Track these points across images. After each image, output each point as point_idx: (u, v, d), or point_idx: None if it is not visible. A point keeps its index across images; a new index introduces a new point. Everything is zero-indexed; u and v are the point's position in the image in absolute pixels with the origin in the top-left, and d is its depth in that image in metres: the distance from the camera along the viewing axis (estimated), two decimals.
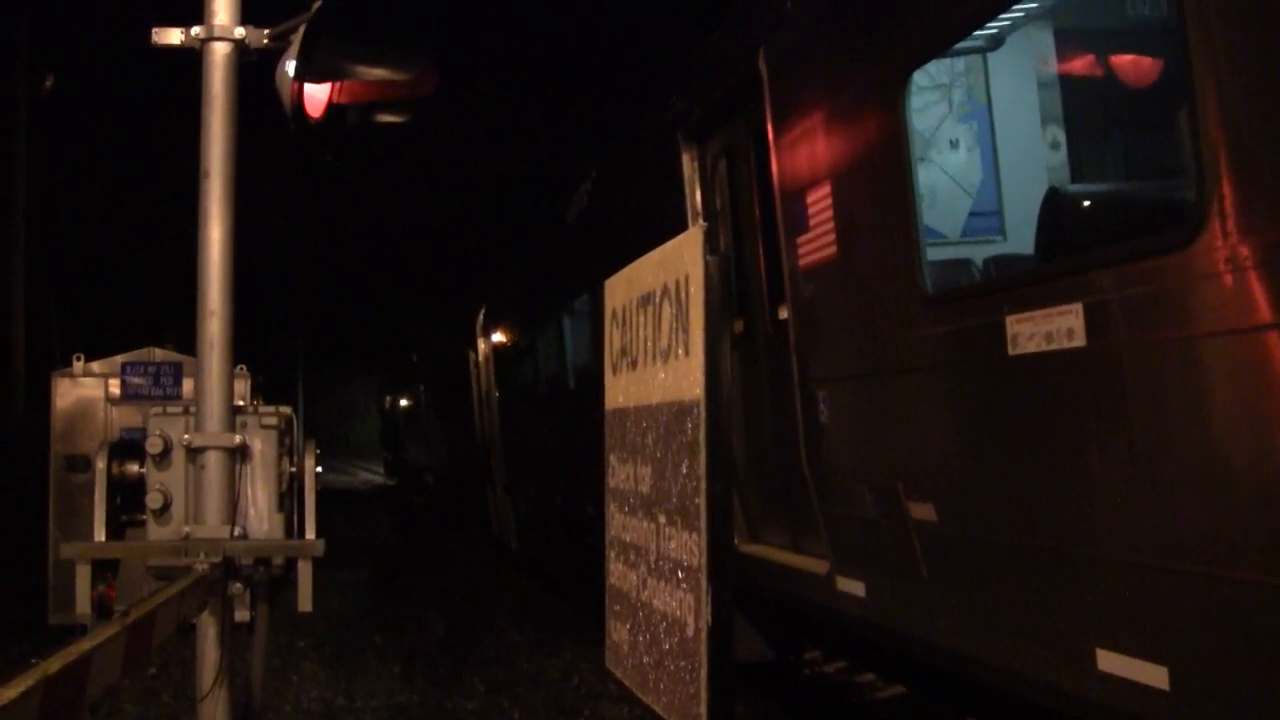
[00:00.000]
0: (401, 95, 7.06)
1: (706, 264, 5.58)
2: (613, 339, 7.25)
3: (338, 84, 6.82)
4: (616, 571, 7.10)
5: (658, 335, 6.30)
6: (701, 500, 5.54)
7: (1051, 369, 4.87)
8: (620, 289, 7.10)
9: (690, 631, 5.65)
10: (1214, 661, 4.27)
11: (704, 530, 5.51)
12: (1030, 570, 5.28)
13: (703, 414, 5.56)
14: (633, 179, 11.45)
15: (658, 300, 6.28)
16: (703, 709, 5.42)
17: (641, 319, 6.60)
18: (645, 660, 6.37)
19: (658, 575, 6.22)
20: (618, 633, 6.97)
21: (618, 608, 7.02)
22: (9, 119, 23.30)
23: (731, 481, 8.25)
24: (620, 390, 7.05)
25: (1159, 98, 7.25)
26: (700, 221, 5.68)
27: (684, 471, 5.81)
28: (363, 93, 6.93)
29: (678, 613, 5.87)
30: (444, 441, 31.69)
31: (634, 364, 6.76)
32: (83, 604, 6.61)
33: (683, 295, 5.86)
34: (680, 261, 5.94)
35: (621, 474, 7.01)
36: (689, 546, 5.71)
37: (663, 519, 6.15)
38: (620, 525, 7.00)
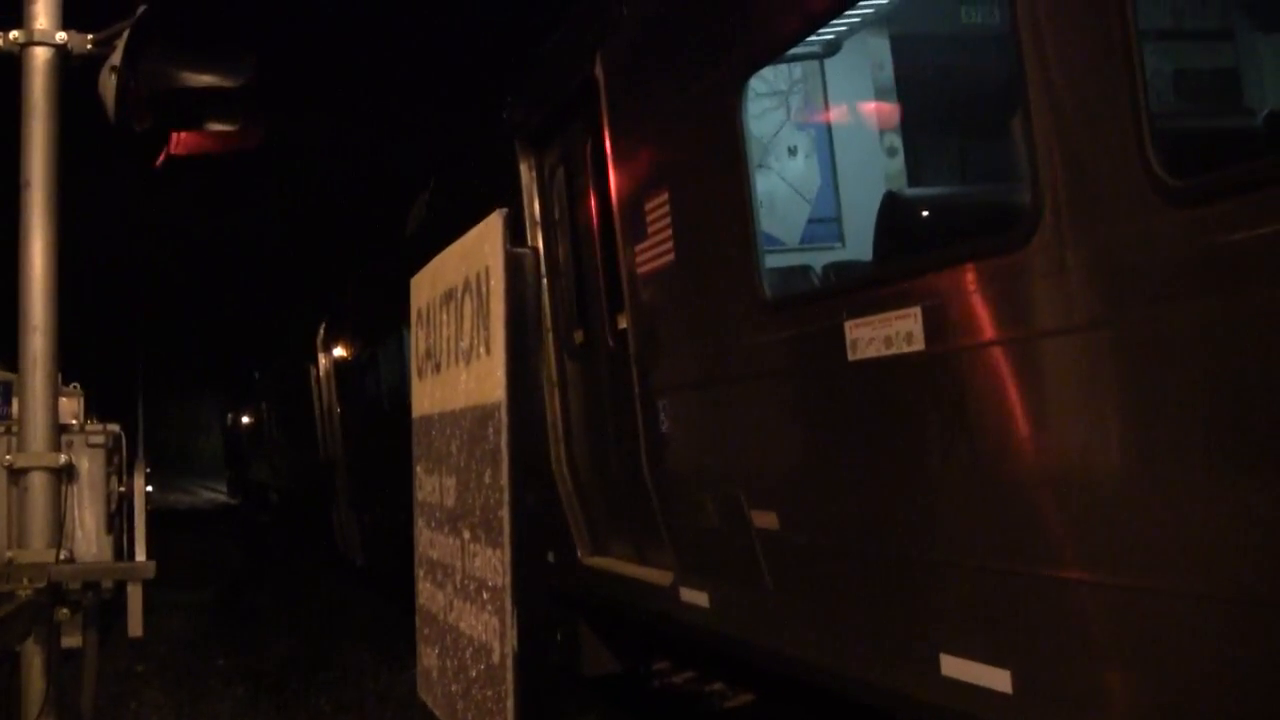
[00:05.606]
0: (230, 146, 7.13)
1: (508, 255, 5.20)
2: (418, 340, 6.86)
3: (177, 136, 6.86)
4: (425, 591, 6.72)
5: (459, 334, 5.91)
6: (505, 513, 5.11)
7: (891, 373, 4.84)
8: (425, 286, 6.72)
9: (496, 658, 5.22)
10: (1056, 663, 4.26)
11: (508, 546, 5.07)
12: (873, 577, 5.24)
13: (504, 418, 5.14)
14: (470, 189, 11.25)
15: (459, 296, 5.90)
16: None
17: (445, 317, 6.23)
18: (453, 689, 5.97)
19: (463, 596, 5.80)
20: (427, 658, 6.59)
21: (427, 631, 6.64)
22: None
23: (566, 493, 8.20)
24: (426, 396, 6.69)
25: (994, 102, 7.32)
26: (503, 210, 5.36)
27: (487, 482, 5.37)
28: (199, 145, 6.98)
29: (483, 637, 5.43)
30: (287, 459, 31.13)
31: (438, 367, 6.40)
32: None
33: (484, 289, 5.46)
34: (480, 253, 5.53)
35: (428, 486, 6.62)
36: (493, 564, 5.27)
37: (467, 534, 5.73)
38: (428, 542, 6.63)
